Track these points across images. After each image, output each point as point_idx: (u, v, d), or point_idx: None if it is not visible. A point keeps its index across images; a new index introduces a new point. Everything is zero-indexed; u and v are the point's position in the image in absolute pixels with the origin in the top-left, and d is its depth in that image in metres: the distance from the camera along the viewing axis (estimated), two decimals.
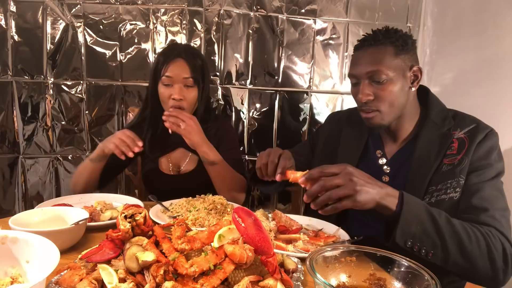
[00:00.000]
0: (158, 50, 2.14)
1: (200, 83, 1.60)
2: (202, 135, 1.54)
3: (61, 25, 2.09)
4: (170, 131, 1.51)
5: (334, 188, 0.95)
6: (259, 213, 1.26)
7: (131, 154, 1.44)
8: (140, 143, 1.45)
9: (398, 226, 0.96)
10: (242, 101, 2.26)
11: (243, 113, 2.27)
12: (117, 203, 1.39)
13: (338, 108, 2.32)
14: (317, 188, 0.97)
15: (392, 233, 0.97)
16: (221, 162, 1.57)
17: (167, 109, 1.61)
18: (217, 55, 2.20)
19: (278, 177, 1.17)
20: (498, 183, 1.13)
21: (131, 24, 2.13)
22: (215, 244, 0.74)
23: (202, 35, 2.17)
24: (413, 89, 1.23)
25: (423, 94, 1.30)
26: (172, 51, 1.60)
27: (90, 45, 2.12)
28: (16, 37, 2.06)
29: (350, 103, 2.31)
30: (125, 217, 0.83)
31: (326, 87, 2.30)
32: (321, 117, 2.31)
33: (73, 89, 2.14)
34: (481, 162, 1.13)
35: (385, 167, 1.30)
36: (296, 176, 1.07)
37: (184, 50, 1.61)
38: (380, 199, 0.97)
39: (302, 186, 1.03)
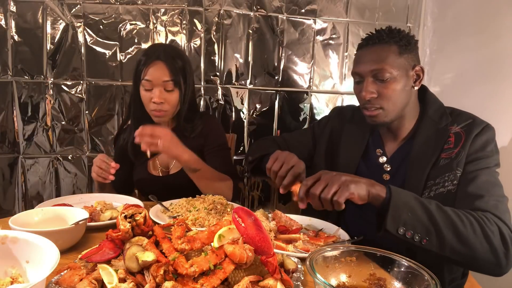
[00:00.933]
0: None
1: (182, 84, 1.56)
2: (180, 145, 1.48)
3: (61, 25, 2.09)
4: (148, 154, 1.42)
5: (323, 190, 0.99)
6: (259, 213, 1.26)
7: (111, 177, 1.44)
8: (114, 164, 1.45)
9: (388, 213, 0.97)
10: (242, 101, 2.26)
11: (243, 113, 2.27)
12: (117, 203, 1.39)
13: None
14: (313, 200, 1.01)
15: (383, 222, 0.98)
16: (204, 167, 1.54)
17: (149, 112, 1.60)
18: (217, 55, 2.20)
19: (281, 190, 1.19)
20: (495, 172, 1.14)
21: (131, 24, 2.13)
22: (215, 244, 0.74)
23: (202, 35, 2.17)
24: (415, 88, 1.25)
25: (421, 92, 1.31)
26: (152, 53, 1.55)
27: (90, 45, 2.12)
28: (16, 37, 2.06)
29: (350, 103, 2.31)
30: (125, 217, 0.83)
31: (326, 87, 2.30)
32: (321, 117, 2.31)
33: (73, 89, 2.14)
34: (477, 154, 1.14)
35: (385, 165, 1.31)
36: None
37: (164, 52, 1.55)
38: (369, 187, 1.00)
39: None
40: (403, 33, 1.22)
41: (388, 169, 1.30)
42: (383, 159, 1.32)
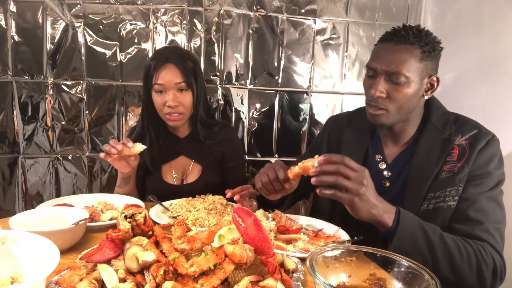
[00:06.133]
0: None
1: (194, 85, 1.55)
2: None
3: (61, 25, 2.08)
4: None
5: (344, 178, 0.98)
6: (259, 213, 1.26)
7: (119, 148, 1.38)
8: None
9: (391, 243, 0.98)
10: (242, 101, 2.26)
11: (243, 113, 2.27)
12: (118, 204, 1.39)
13: (338, 108, 2.31)
14: (331, 168, 0.98)
15: (386, 248, 0.99)
16: None
17: (162, 117, 1.58)
18: (217, 55, 2.20)
19: (287, 185, 1.19)
20: (496, 193, 1.12)
21: (131, 24, 2.13)
22: (215, 244, 0.74)
23: (202, 35, 2.17)
24: (426, 97, 1.21)
25: None
26: (161, 57, 1.54)
27: (90, 45, 2.12)
28: (16, 37, 2.06)
29: (350, 103, 2.31)
30: (125, 217, 0.83)
31: (326, 87, 2.30)
32: (321, 117, 2.30)
33: (73, 89, 2.14)
34: (480, 170, 1.12)
35: (385, 172, 1.28)
36: (307, 164, 1.05)
37: (173, 54, 1.55)
38: (376, 215, 1.00)
39: (315, 170, 1.02)
40: (430, 37, 1.16)
41: (388, 176, 1.28)
42: (382, 166, 1.29)
